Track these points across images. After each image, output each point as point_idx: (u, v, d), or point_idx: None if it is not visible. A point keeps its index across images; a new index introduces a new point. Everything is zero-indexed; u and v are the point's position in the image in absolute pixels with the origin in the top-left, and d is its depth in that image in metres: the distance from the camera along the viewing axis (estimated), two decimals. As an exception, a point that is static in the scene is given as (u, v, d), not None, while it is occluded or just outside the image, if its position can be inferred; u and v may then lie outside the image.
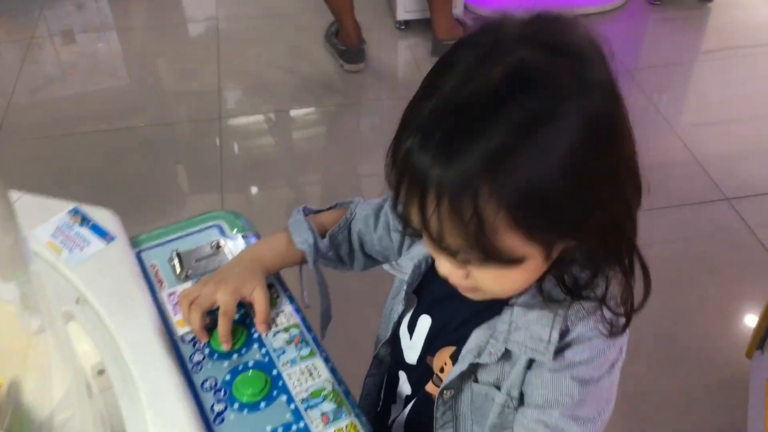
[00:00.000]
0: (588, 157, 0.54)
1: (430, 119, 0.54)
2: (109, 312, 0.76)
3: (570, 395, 0.63)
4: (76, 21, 3.17)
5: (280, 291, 0.81)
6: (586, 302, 0.62)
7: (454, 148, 0.52)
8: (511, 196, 0.52)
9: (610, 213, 0.57)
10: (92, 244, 0.82)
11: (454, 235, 0.55)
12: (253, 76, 2.85)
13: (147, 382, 0.70)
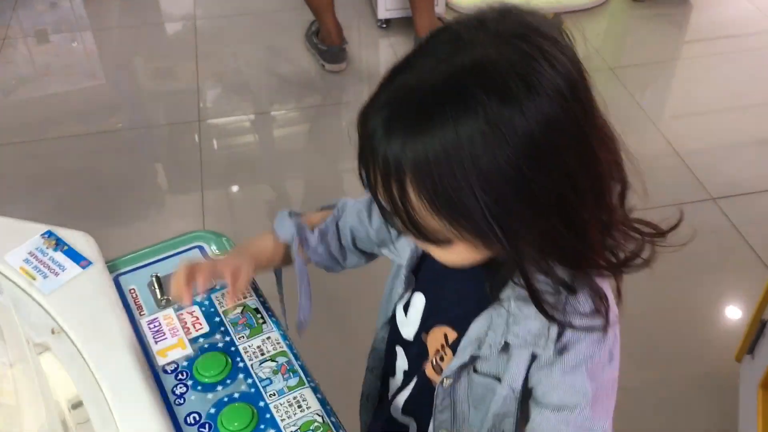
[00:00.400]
0: (518, 173, 0.54)
1: (381, 104, 0.57)
2: (86, 342, 0.72)
3: (584, 393, 0.64)
4: (50, 20, 3.10)
5: (266, 317, 0.78)
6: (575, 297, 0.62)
7: (394, 129, 0.55)
8: (430, 186, 0.54)
9: (543, 224, 0.57)
10: (67, 269, 0.78)
11: (389, 206, 0.58)
12: (232, 76, 2.81)
13: (126, 418, 0.66)
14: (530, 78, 0.54)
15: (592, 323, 0.62)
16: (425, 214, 0.56)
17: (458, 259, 0.62)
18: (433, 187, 0.54)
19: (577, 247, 0.59)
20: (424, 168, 0.54)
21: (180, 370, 0.73)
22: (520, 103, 0.53)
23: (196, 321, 0.77)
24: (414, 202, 0.56)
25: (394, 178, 0.55)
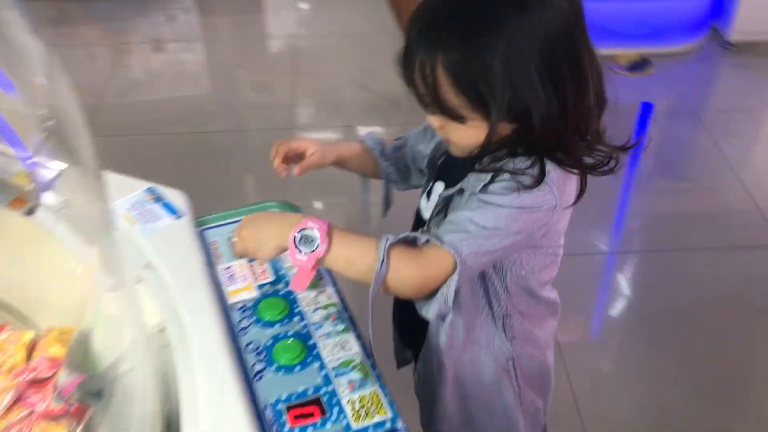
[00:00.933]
0: (525, 63, 0.75)
1: (422, 12, 0.79)
2: (172, 278, 0.86)
3: (472, 207, 0.82)
4: (167, 31, 3.38)
5: (324, 274, 0.90)
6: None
7: (432, 23, 0.78)
8: (454, 69, 0.76)
9: (535, 111, 0.77)
10: (163, 219, 0.93)
11: (421, 86, 0.78)
12: (325, 93, 2.97)
13: (199, 342, 0.79)
14: None
15: (522, 179, 0.80)
16: (448, 91, 0.77)
17: (465, 138, 0.82)
18: (457, 69, 0.76)
19: (553, 132, 0.79)
20: (453, 57, 0.76)
21: (246, 308, 0.85)
22: (533, 11, 0.75)
23: (264, 271, 0.90)
24: (441, 80, 0.77)
25: (429, 63, 0.76)
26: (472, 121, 0.79)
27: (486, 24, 0.76)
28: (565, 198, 0.83)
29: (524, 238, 0.83)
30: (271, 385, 0.77)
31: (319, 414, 0.74)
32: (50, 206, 0.91)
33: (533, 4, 0.76)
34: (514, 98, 0.76)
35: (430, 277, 0.80)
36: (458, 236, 0.80)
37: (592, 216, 2.22)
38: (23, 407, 0.75)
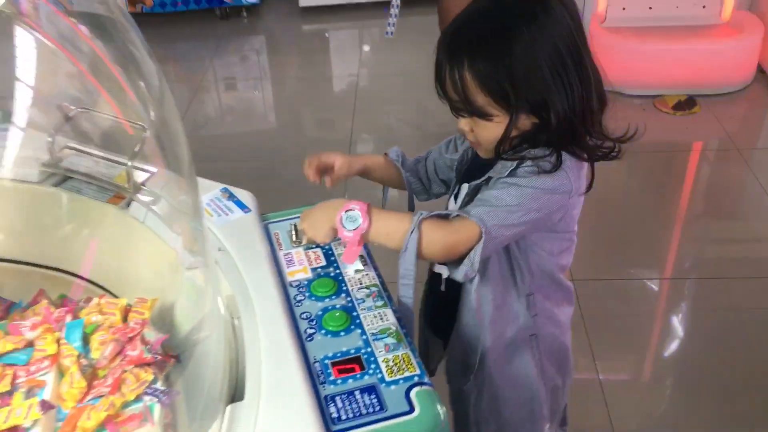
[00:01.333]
0: (539, 63, 0.91)
1: (449, 30, 0.97)
2: (241, 260, 1.02)
3: (498, 187, 0.96)
4: (239, 71, 3.64)
5: (367, 260, 1.05)
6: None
7: (457, 38, 0.95)
8: (477, 69, 0.92)
9: (551, 106, 0.93)
10: (234, 213, 1.10)
11: (452, 91, 0.95)
12: (383, 130, 3.14)
13: (262, 310, 0.95)
14: (548, 7, 0.93)
15: (542, 165, 0.94)
16: (475, 92, 0.94)
17: (491, 134, 0.97)
18: (481, 71, 0.92)
19: (563, 129, 0.94)
20: (476, 61, 0.92)
21: (301, 286, 1.01)
22: (540, 21, 0.92)
23: (317, 257, 1.06)
24: (468, 83, 0.93)
25: (457, 71, 0.93)
26: (497, 118, 0.95)
27: (503, 33, 0.93)
28: (579, 185, 0.98)
29: (543, 216, 0.97)
30: (320, 345, 0.92)
31: (358, 369, 0.88)
32: (143, 201, 1.10)
33: (540, 15, 0.93)
34: (530, 91, 0.92)
35: (457, 242, 0.94)
36: (484, 209, 0.94)
37: (643, 257, 2.29)
38: (121, 356, 0.91)
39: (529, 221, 0.96)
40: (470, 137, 1.02)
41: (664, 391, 1.88)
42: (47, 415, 0.82)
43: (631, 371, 1.93)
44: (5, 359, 0.87)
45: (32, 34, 0.94)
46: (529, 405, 1.16)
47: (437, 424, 0.83)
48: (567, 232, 1.05)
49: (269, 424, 0.80)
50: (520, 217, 0.95)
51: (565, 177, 0.95)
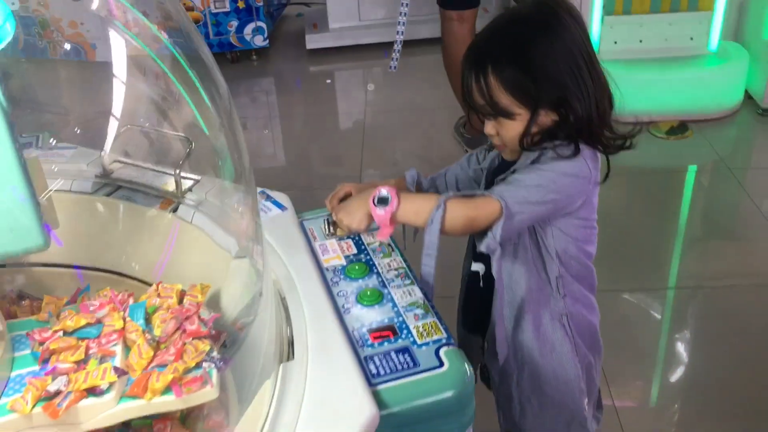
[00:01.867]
0: (556, 64, 1.04)
1: (470, 48, 1.11)
2: (282, 250, 1.15)
3: (521, 172, 1.08)
4: (250, 111, 3.79)
5: (395, 248, 1.18)
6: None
7: (481, 50, 1.10)
8: (501, 72, 1.05)
9: (577, 102, 1.05)
10: (273, 211, 1.23)
11: (478, 97, 1.08)
12: (389, 164, 3.23)
13: (304, 289, 1.07)
14: (560, 19, 1.06)
15: (561, 152, 1.06)
16: (500, 94, 1.06)
17: (515, 132, 1.08)
18: (505, 73, 1.05)
19: (581, 123, 1.06)
20: (500, 65, 1.05)
21: (336, 270, 1.13)
22: (555, 31, 1.05)
23: (349, 246, 1.19)
24: (493, 86, 1.05)
25: (482, 76, 1.06)
26: (519, 116, 1.07)
27: (522, 39, 1.06)
28: (596, 173, 1.09)
29: (563, 199, 1.08)
30: (356, 317, 1.04)
31: (392, 335, 1.00)
32: (190, 204, 1.23)
33: (553, 24, 1.06)
34: (549, 88, 1.04)
35: (478, 215, 1.05)
36: (506, 188, 1.06)
37: (645, 280, 2.34)
38: (180, 331, 1.03)
39: (548, 201, 1.07)
40: (496, 140, 1.14)
41: (674, 417, 1.90)
42: (120, 380, 0.93)
43: (642, 396, 1.95)
44: (79, 333, 0.99)
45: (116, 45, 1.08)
46: (569, 382, 1.24)
47: (464, 376, 0.94)
48: (588, 219, 1.14)
49: (318, 378, 0.92)
50: (540, 197, 1.06)
51: (584, 163, 1.06)
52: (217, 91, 1.10)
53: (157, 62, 1.08)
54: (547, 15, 1.07)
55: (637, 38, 3.34)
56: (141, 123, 1.28)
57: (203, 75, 1.08)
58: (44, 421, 0.87)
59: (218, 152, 1.15)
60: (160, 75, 1.16)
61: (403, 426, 0.92)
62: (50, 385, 0.89)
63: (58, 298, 1.06)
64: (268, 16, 4.05)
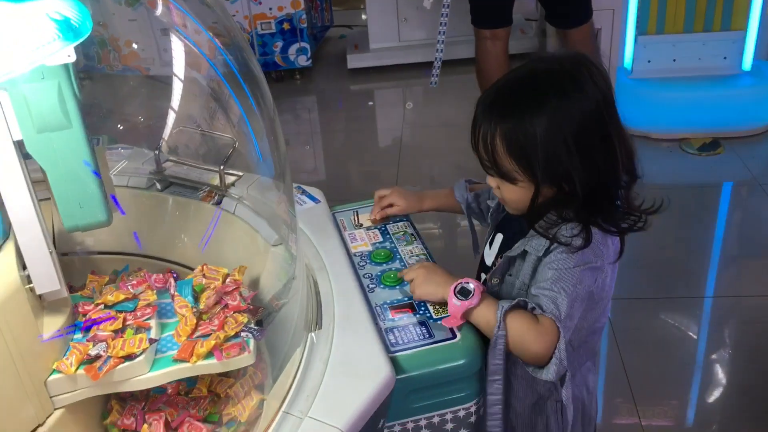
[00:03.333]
0: (560, 131, 0.97)
1: (486, 93, 1.06)
2: (315, 237, 1.27)
3: (551, 276, 1.02)
4: (292, 128, 3.95)
5: (417, 237, 1.29)
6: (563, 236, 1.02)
7: (493, 102, 1.04)
8: (508, 137, 1.00)
9: (577, 180, 0.98)
10: (307, 203, 1.36)
11: (483, 154, 1.03)
12: (425, 180, 3.32)
13: (333, 270, 1.19)
14: (579, 83, 0.99)
15: (572, 242, 1.01)
16: (503, 156, 1.01)
17: (515, 197, 1.04)
18: (510, 138, 1.00)
19: (593, 198, 1.01)
20: (507, 128, 0.99)
21: (363, 255, 1.25)
22: (571, 96, 0.98)
23: (376, 235, 1.30)
24: (498, 147, 1.01)
25: (489, 132, 1.01)
26: (521, 183, 1.02)
27: (534, 104, 0.99)
28: (609, 255, 1.05)
29: (590, 293, 1.03)
30: (379, 296, 1.15)
31: (411, 311, 1.11)
32: (233, 197, 1.36)
33: (571, 91, 0.98)
34: (552, 163, 0.98)
35: (550, 343, 0.99)
36: (547, 301, 1.00)
37: (678, 293, 2.36)
38: (221, 304, 1.15)
39: (583, 299, 1.02)
40: (496, 193, 1.09)
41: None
42: (151, 347, 1.04)
43: (673, 417, 1.93)
44: (117, 307, 1.10)
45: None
46: None
47: (475, 347, 1.04)
48: (603, 300, 1.10)
49: (342, 345, 1.03)
50: (580, 302, 1.02)
51: (598, 250, 1.02)
52: (262, 98, 1.23)
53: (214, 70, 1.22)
54: (564, 81, 0.99)
55: (670, 57, 3.41)
56: (190, 126, 1.42)
57: (251, 84, 1.21)
58: (87, 382, 0.99)
59: (261, 152, 1.28)
60: (212, 82, 1.30)
61: (419, 390, 1.02)
62: (91, 350, 1.01)
63: (99, 277, 1.19)
64: (312, 38, 4.23)
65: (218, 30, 1.31)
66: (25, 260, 0.96)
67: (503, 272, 1.11)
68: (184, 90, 1.37)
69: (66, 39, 0.70)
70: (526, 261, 1.07)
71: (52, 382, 0.98)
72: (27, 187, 0.93)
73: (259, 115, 1.20)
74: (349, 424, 0.90)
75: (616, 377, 2.01)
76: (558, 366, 0.98)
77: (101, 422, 1.08)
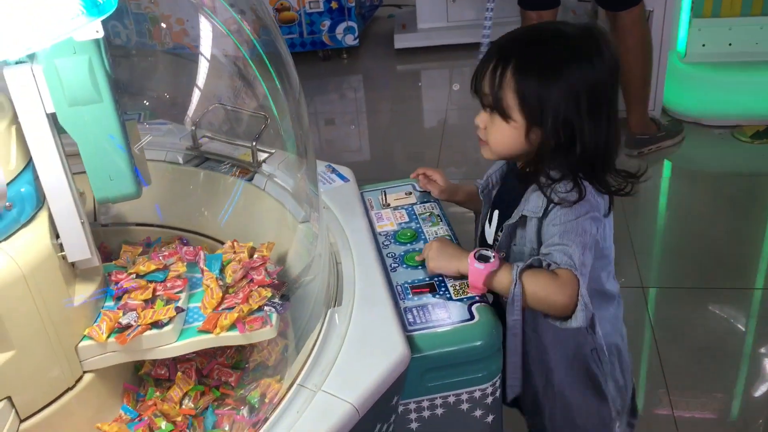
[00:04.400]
0: (578, 94, 1.03)
1: (507, 34, 1.11)
2: (342, 215, 1.29)
3: (557, 231, 1.05)
4: (338, 107, 3.97)
5: (442, 218, 1.29)
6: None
7: (514, 43, 1.08)
8: (522, 74, 1.04)
9: (579, 135, 1.03)
10: (336, 182, 1.37)
11: (487, 85, 1.06)
12: (469, 163, 3.26)
13: (357, 248, 1.21)
14: (599, 49, 1.05)
15: (567, 197, 1.05)
16: (508, 93, 1.04)
17: (501, 137, 1.08)
18: (522, 78, 1.03)
19: (591, 157, 1.05)
20: (522, 67, 1.03)
21: (388, 235, 1.26)
22: (590, 60, 1.04)
23: (402, 215, 1.31)
24: (506, 82, 1.04)
25: (501, 66, 1.04)
26: (514, 123, 1.06)
27: (556, 58, 1.03)
28: (602, 207, 1.08)
29: (595, 240, 1.07)
30: (401, 275, 1.16)
31: (430, 291, 1.11)
32: (263, 173, 1.38)
33: (592, 53, 1.04)
34: (557, 115, 1.02)
35: (573, 294, 1.01)
36: (560, 253, 1.03)
37: (729, 283, 2.29)
38: (247, 279, 1.17)
39: (592, 246, 1.05)
40: (481, 134, 1.13)
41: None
42: (179, 316, 1.08)
43: (710, 409, 1.88)
44: (148, 277, 1.14)
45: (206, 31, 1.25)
46: (599, 411, 1.23)
47: (493, 328, 1.05)
48: (606, 248, 1.14)
49: (359, 322, 1.04)
50: (588, 248, 1.05)
51: (593, 200, 1.06)
52: (289, 81, 1.25)
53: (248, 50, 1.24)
54: (590, 45, 1.05)
55: (726, 41, 3.30)
56: (225, 103, 1.45)
57: (278, 64, 1.23)
58: (116, 347, 1.03)
59: (287, 131, 1.30)
60: (246, 64, 1.32)
61: (435, 369, 1.03)
62: (122, 318, 1.04)
63: (134, 247, 1.22)
64: (360, 17, 4.22)
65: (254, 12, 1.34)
66: (57, 229, 1.00)
67: (508, 244, 1.14)
68: (220, 68, 1.40)
69: (90, 14, 0.72)
70: (528, 226, 1.10)
71: (83, 348, 1.02)
72: (60, 158, 0.96)
73: (285, 95, 1.22)
74: (361, 399, 0.92)
75: (650, 366, 1.98)
76: (585, 311, 1.01)
77: (135, 374, 1.12)
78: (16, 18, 0.65)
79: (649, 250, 2.50)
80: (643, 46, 2.89)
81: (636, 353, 2.01)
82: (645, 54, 2.92)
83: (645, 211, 2.71)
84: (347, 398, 0.91)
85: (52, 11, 0.67)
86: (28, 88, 0.89)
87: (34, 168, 0.96)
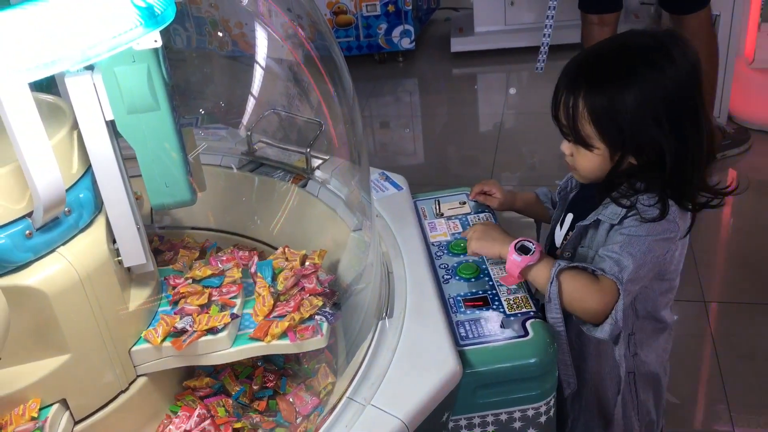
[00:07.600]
0: (654, 109, 0.98)
1: (571, 62, 1.07)
2: (394, 224, 1.27)
3: (620, 240, 1.02)
4: (393, 110, 3.95)
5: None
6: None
7: (580, 68, 1.04)
8: (592, 102, 1.01)
9: (667, 152, 0.99)
10: (389, 190, 1.36)
11: (563, 116, 1.05)
12: (524, 168, 3.24)
13: (409, 259, 1.19)
14: (670, 55, 0.99)
15: (647, 212, 1.01)
16: (584, 122, 1.01)
17: (589, 164, 1.05)
18: (595, 105, 1.00)
19: (670, 176, 1.00)
20: (592, 94, 1.00)
21: (441, 245, 1.24)
22: (662, 68, 0.98)
23: (456, 225, 1.29)
24: (580, 113, 1.01)
25: (572, 98, 1.02)
26: (597, 150, 1.03)
27: (622, 73, 0.99)
28: (683, 228, 1.05)
29: (659, 263, 1.04)
30: (454, 287, 1.14)
31: (484, 304, 1.09)
32: (317, 180, 1.38)
33: (662, 62, 0.98)
34: (641, 133, 0.99)
35: (608, 303, 1.00)
36: (612, 264, 1.00)
37: None
38: (299, 287, 1.17)
39: (652, 269, 1.03)
40: (569, 160, 1.10)
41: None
42: (233, 323, 1.08)
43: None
44: (204, 282, 1.14)
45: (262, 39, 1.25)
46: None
47: (547, 347, 1.01)
48: (670, 272, 1.10)
49: (411, 335, 1.03)
50: (647, 269, 1.02)
51: (674, 224, 1.02)
52: (343, 87, 1.24)
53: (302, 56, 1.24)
54: (660, 52, 0.99)
55: (797, 47, 3.17)
56: (280, 109, 1.45)
57: (333, 70, 1.23)
58: (169, 352, 1.03)
59: (341, 138, 1.29)
60: (301, 70, 1.32)
61: (487, 386, 1.01)
62: (178, 323, 1.05)
63: (191, 252, 1.23)
64: (416, 20, 4.20)
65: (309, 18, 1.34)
66: (114, 234, 1.01)
67: (575, 244, 1.11)
68: (276, 73, 1.40)
69: (147, 26, 0.72)
70: (599, 230, 1.07)
71: (137, 351, 1.03)
72: (118, 165, 0.97)
73: (339, 101, 1.21)
74: (411, 415, 0.90)
75: (711, 381, 1.91)
76: (613, 326, 1.00)
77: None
78: (76, 30, 0.65)
79: (712, 263, 2.42)
80: (708, 51, 2.79)
81: (696, 367, 1.97)
82: (711, 59, 2.82)
83: (708, 222, 2.63)
84: (397, 414, 0.90)
85: (110, 23, 0.68)
86: (88, 95, 0.91)
87: (93, 174, 0.97)
